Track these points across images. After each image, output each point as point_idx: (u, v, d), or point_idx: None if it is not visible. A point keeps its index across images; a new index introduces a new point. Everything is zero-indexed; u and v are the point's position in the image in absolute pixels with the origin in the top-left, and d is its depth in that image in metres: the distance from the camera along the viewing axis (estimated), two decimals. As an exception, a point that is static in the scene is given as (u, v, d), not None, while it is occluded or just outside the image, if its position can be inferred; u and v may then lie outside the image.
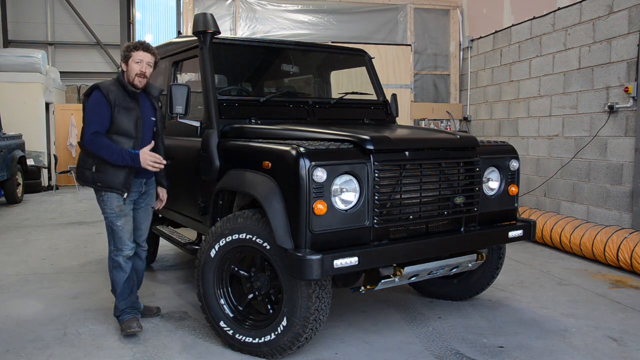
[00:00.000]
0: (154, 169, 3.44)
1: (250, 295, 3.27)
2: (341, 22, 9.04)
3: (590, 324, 3.74)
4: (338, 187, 2.91)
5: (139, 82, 3.44)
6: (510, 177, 3.72)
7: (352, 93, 4.45)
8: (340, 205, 2.92)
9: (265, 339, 3.08)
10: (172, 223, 4.88)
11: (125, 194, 3.44)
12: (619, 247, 5.07)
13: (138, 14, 15.36)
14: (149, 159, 3.38)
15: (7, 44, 14.48)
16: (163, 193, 3.84)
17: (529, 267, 5.28)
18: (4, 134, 9.51)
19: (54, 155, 12.43)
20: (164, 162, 3.48)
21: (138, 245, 3.71)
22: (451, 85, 9.39)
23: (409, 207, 3.17)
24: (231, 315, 3.27)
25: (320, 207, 2.80)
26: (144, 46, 3.47)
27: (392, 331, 3.58)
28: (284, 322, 2.99)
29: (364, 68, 4.75)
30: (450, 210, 3.35)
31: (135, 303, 3.66)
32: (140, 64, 3.42)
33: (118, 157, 3.32)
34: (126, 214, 3.50)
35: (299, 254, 2.73)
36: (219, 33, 3.85)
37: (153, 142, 3.55)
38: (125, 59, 3.46)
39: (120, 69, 3.53)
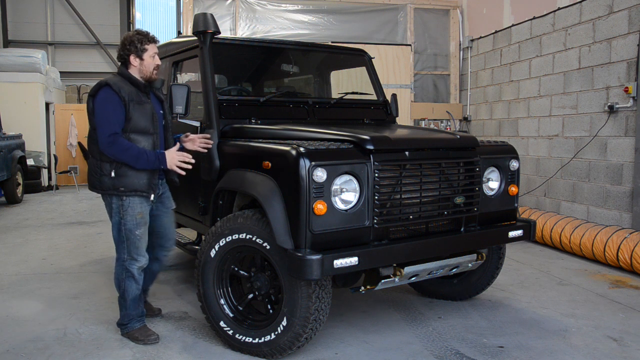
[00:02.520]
0: (182, 172, 3.26)
1: (250, 295, 3.27)
2: (341, 22, 9.04)
3: (590, 324, 3.74)
4: (338, 187, 2.91)
5: (157, 75, 3.35)
6: (510, 177, 3.72)
7: (352, 93, 4.46)
8: (340, 205, 2.92)
9: (265, 339, 3.08)
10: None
11: (152, 196, 3.26)
12: (619, 247, 5.07)
13: (138, 14, 15.38)
14: (177, 158, 3.21)
15: (7, 44, 14.48)
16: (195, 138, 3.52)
17: (529, 267, 5.28)
18: (4, 134, 9.51)
19: (54, 155, 12.43)
20: (192, 160, 3.28)
21: (163, 248, 3.58)
22: (451, 85, 9.39)
23: (409, 207, 3.17)
24: (231, 315, 3.27)
25: (320, 207, 2.80)
26: (154, 38, 3.34)
27: (392, 331, 3.58)
28: (284, 322, 2.99)
29: (364, 68, 4.75)
30: (450, 210, 3.35)
31: (142, 310, 3.52)
32: (156, 58, 3.32)
33: (143, 160, 3.13)
34: (146, 222, 3.32)
35: (299, 254, 2.73)
36: (219, 33, 3.85)
37: (178, 143, 3.42)
38: (140, 53, 3.25)
39: (121, 63, 3.33)
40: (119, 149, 3.11)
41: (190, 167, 3.29)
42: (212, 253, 3.26)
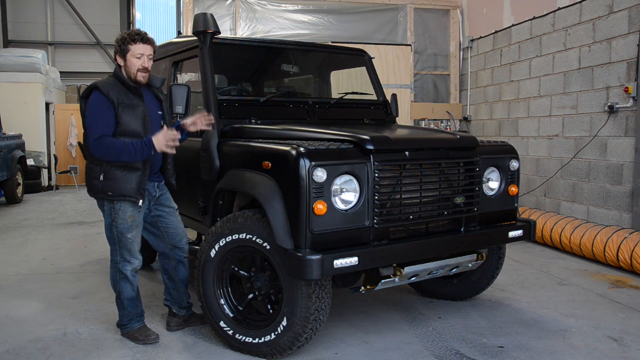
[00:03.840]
0: (172, 150, 3.16)
1: (250, 296, 3.27)
2: (341, 22, 9.04)
3: (590, 324, 3.74)
4: (338, 187, 2.91)
5: (143, 78, 3.20)
6: (510, 177, 3.72)
7: (352, 93, 4.45)
8: (340, 205, 2.92)
9: (265, 339, 3.08)
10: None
11: (140, 201, 3.19)
12: (619, 247, 5.07)
13: (138, 14, 15.38)
14: (163, 139, 3.07)
15: (7, 44, 14.48)
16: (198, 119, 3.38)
17: (529, 267, 5.28)
18: (4, 134, 9.51)
19: (54, 155, 12.43)
20: (179, 135, 3.16)
21: (178, 249, 3.50)
22: (451, 85, 9.39)
23: (409, 207, 3.16)
24: (231, 315, 3.27)
25: (320, 207, 2.80)
26: (142, 37, 3.16)
27: (392, 331, 3.58)
28: (284, 322, 2.99)
29: (364, 68, 4.75)
30: (450, 210, 3.35)
31: (142, 310, 3.49)
32: (142, 59, 3.16)
33: (131, 150, 3.03)
34: (138, 225, 3.26)
35: (299, 254, 2.73)
36: (219, 33, 3.85)
37: (165, 126, 3.27)
38: (123, 53, 3.16)
39: (116, 64, 3.25)
40: (105, 149, 3.05)
41: (178, 144, 3.18)
42: (212, 253, 3.25)
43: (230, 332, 3.22)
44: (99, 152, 3.08)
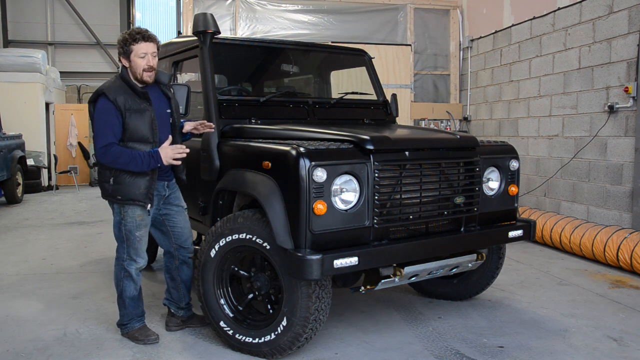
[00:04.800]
0: (178, 163, 3.19)
1: (250, 295, 3.27)
2: (341, 22, 9.04)
3: (590, 324, 3.74)
4: (338, 187, 2.91)
5: (149, 77, 3.17)
6: (510, 177, 3.72)
7: (352, 93, 4.46)
8: (340, 205, 2.92)
9: (265, 339, 3.08)
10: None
11: (149, 205, 3.20)
12: (619, 247, 5.07)
13: (138, 14, 15.39)
14: (171, 153, 3.11)
15: (7, 44, 14.48)
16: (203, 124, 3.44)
17: (529, 267, 5.28)
18: (4, 134, 9.51)
19: (54, 155, 12.43)
20: (187, 150, 3.18)
21: (184, 249, 3.51)
22: (451, 85, 9.39)
23: (409, 207, 3.17)
24: (231, 315, 3.27)
25: (320, 207, 2.80)
26: (143, 36, 3.12)
27: (392, 331, 3.58)
28: (284, 322, 2.99)
29: (364, 68, 4.75)
30: (450, 210, 3.35)
31: (142, 310, 3.48)
32: (146, 58, 3.13)
33: (137, 162, 3.06)
34: (146, 224, 3.29)
35: (299, 254, 2.73)
36: (219, 33, 3.85)
37: (170, 136, 3.26)
38: (126, 54, 3.13)
39: (122, 65, 3.21)
40: (112, 158, 3.07)
41: (185, 155, 3.21)
42: (212, 253, 3.25)
43: (230, 332, 3.22)
44: (106, 160, 3.10)
